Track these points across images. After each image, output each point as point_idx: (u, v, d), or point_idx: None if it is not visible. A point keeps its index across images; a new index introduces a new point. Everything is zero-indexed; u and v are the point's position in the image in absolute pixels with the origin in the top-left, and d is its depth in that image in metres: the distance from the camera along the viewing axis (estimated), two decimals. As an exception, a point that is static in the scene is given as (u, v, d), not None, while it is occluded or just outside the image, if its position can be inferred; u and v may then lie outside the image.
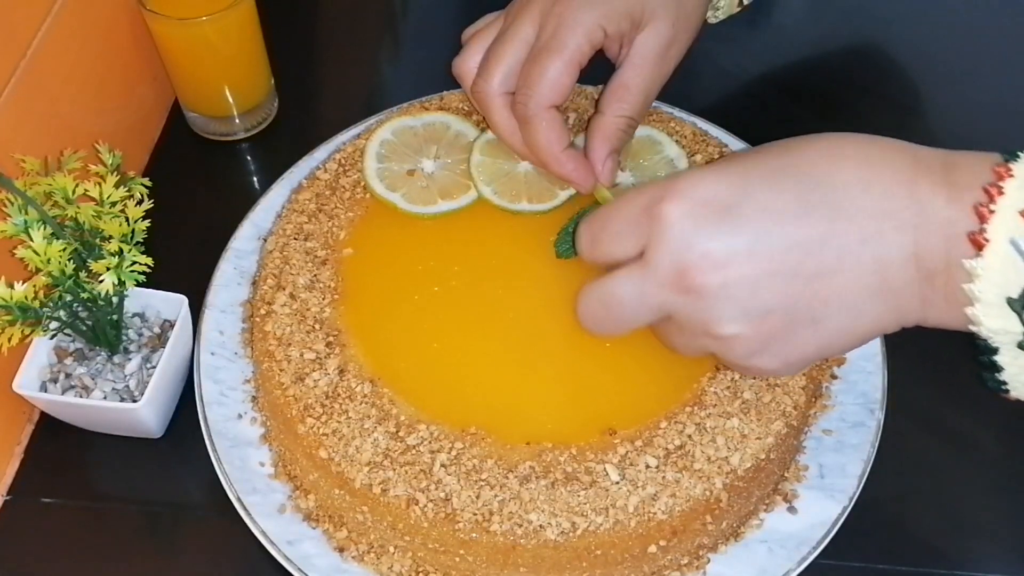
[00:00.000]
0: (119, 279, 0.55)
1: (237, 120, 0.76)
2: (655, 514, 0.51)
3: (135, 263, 0.55)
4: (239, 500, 0.56)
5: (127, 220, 0.56)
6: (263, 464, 0.58)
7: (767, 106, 0.79)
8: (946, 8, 0.86)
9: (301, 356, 0.56)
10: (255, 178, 0.76)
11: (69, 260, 0.54)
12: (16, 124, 0.60)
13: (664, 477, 0.52)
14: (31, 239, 0.53)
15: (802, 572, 0.54)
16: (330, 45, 0.86)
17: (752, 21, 0.82)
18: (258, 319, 0.59)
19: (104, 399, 0.59)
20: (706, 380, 0.55)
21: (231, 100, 0.74)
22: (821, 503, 0.56)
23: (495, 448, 0.53)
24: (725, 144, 0.66)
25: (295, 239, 0.61)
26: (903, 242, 0.43)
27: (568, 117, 0.66)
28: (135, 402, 0.58)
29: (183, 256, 0.67)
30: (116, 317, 0.59)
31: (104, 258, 0.55)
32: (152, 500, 0.60)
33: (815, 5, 0.87)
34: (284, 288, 0.59)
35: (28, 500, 0.60)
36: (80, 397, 0.59)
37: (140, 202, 0.57)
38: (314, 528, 0.56)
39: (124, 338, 0.61)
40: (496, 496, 0.51)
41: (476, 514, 0.51)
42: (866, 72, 0.81)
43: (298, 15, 0.86)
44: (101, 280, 0.54)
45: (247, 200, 0.68)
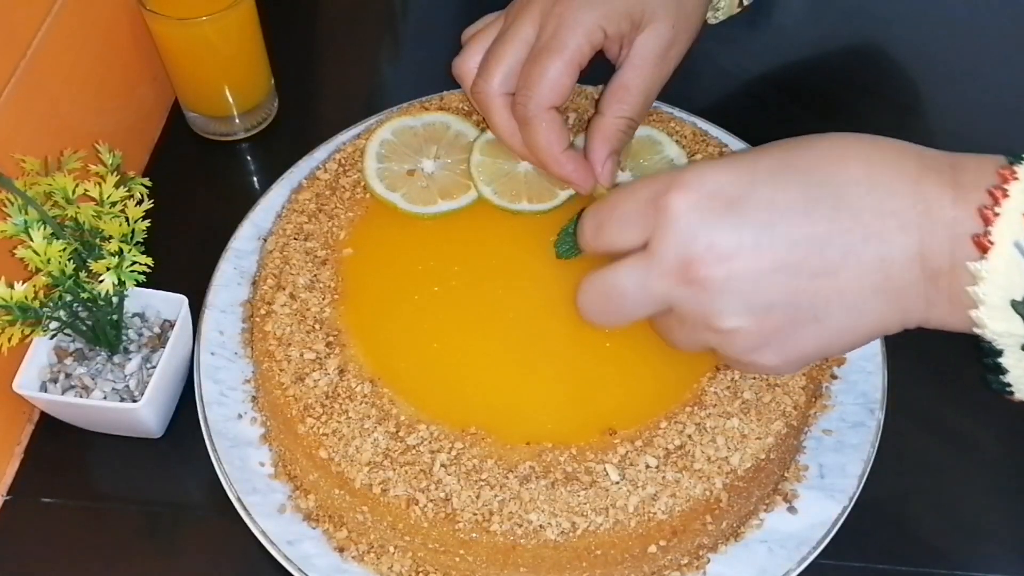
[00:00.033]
0: (119, 279, 0.55)
1: (237, 120, 0.76)
2: (655, 514, 0.51)
3: (135, 263, 0.55)
4: (239, 500, 0.56)
5: (127, 220, 0.56)
6: (263, 464, 0.58)
7: (767, 106, 0.79)
8: (946, 8, 0.85)
9: (301, 356, 0.56)
10: (255, 178, 0.76)
11: (69, 260, 0.54)
12: (16, 124, 0.60)
13: (664, 477, 0.52)
14: (31, 239, 0.53)
15: (802, 572, 0.54)
16: (330, 45, 0.86)
17: (752, 21, 0.82)
18: (258, 319, 0.59)
19: (104, 399, 0.59)
20: (706, 380, 0.55)
21: (231, 100, 0.74)
22: (821, 503, 0.56)
23: (495, 448, 0.53)
24: (725, 144, 0.66)
25: (295, 239, 0.61)
26: (907, 242, 0.43)
27: (568, 117, 0.66)
28: (135, 402, 0.58)
29: (183, 256, 0.67)
30: (116, 317, 0.59)
31: (104, 258, 0.55)
32: (152, 500, 0.60)
33: (815, 5, 0.87)
34: (284, 288, 0.59)
35: (28, 500, 0.60)
36: (80, 397, 0.59)
37: (140, 202, 0.57)
38: (314, 528, 0.56)
39: (124, 338, 0.61)
40: (496, 496, 0.51)
41: (476, 514, 0.51)
42: (866, 72, 0.81)
43: (298, 15, 0.86)
44: (101, 280, 0.54)
45: (247, 200, 0.68)
